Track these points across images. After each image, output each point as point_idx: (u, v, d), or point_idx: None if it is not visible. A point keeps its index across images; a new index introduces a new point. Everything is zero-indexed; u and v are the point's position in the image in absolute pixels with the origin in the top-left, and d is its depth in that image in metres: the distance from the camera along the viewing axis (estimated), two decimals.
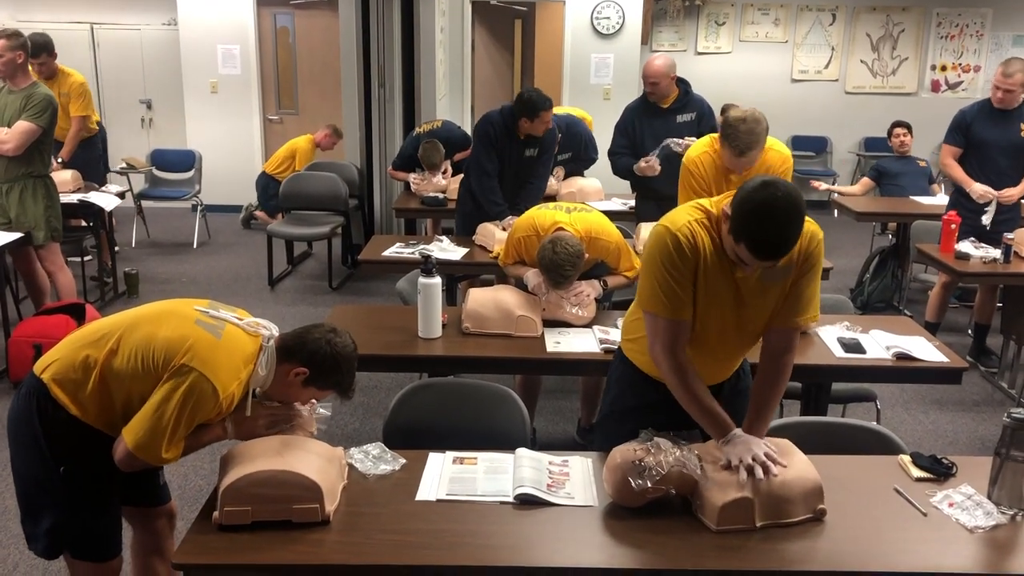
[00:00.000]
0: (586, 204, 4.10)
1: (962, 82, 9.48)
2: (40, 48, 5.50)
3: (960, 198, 5.04)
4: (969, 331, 5.41)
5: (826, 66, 9.56)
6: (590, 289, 3.39)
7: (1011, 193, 4.89)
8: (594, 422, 3.84)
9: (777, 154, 3.54)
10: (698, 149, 3.66)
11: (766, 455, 2.04)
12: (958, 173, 4.97)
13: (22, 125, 4.58)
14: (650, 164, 4.67)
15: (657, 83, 4.69)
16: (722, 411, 2.15)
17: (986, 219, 4.86)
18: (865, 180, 6.75)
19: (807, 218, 2.07)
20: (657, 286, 2.14)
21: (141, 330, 2.09)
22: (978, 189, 4.87)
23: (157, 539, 2.45)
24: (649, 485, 2.00)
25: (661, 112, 4.77)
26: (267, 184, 7.64)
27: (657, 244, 2.13)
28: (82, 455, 2.11)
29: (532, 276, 3.42)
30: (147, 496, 2.40)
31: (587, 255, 3.32)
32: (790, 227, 1.94)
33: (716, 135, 3.55)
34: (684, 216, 2.14)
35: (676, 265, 2.10)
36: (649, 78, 4.70)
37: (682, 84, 4.79)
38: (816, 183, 6.73)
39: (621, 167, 4.91)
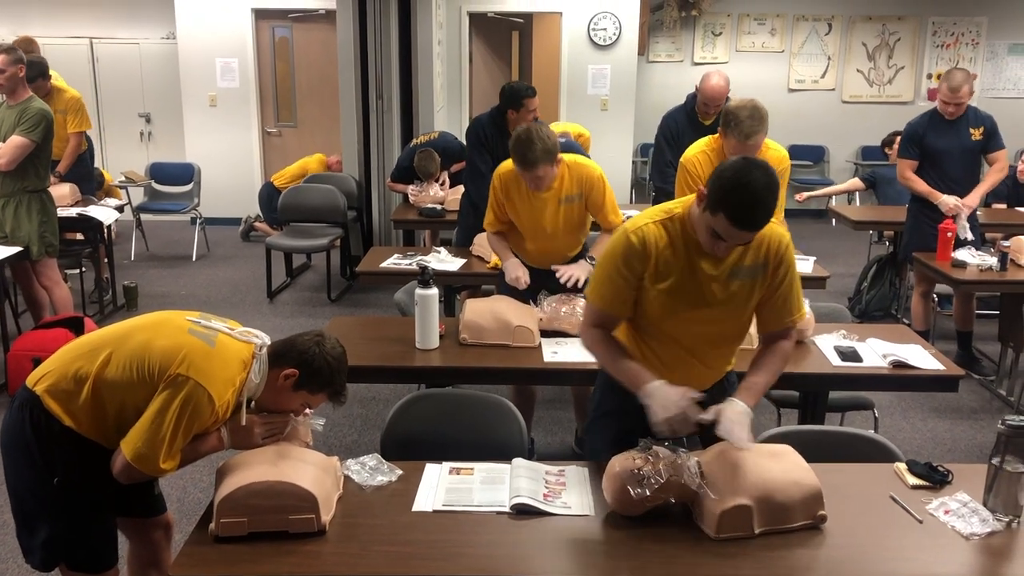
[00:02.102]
0: None
1: None
2: (37, 73, 5.49)
3: (922, 209, 5.04)
4: None
5: (823, 75, 9.60)
6: (580, 272, 3.39)
7: (972, 201, 4.93)
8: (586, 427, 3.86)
9: (775, 152, 3.55)
10: (696, 148, 3.66)
11: (686, 410, 2.08)
12: (922, 187, 4.98)
13: (15, 140, 4.59)
14: None
15: (720, 105, 4.62)
16: (639, 366, 2.23)
17: (963, 233, 4.82)
18: (856, 181, 6.78)
19: (773, 221, 2.12)
20: (606, 280, 2.24)
21: (134, 340, 2.10)
22: (948, 202, 4.87)
23: (154, 551, 2.45)
24: (648, 493, 2.00)
25: (702, 128, 4.72)
26: (271, 195, 7.65)
27: (615, 245, 2.22)
28: (76, 466, 2.12)
29: (512, 267, 3.41)
30: (142, 507, 2.40)
31: (570, 184, 3.39)
32: (766, 194, 1.99)
33: (714, 135, 3.55)
34: (644, 218, 2.21)
35: (625, 266, 2.19)
36: (715, 101, 4.61)
37: (726, 101, 4.70)
38: (800, 195, 6.74)
39: (668, 196, 4.77)
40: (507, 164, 3.52)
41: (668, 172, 4.83)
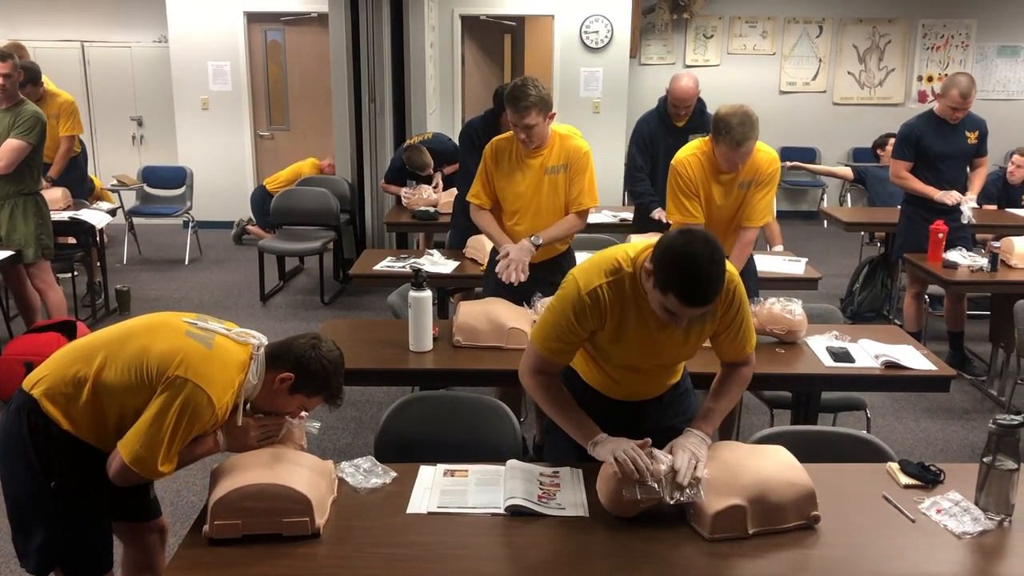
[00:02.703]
0: None
1: None
2: (28, 79, 5.44)
3: (917, 210, 5.05)
4: None
5: (814, 78, 9.63)
6: (518, 256, 3.37)
7: (973, 197, 4.98)
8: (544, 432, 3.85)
9: (766, 155, 3.52)
10: (687, 151, 3.63)
11: (634, 448, 2.05)
12: (918, 185, 4.98)
13: (12, 143, 4.59)
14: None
15: (690, 107, 4.61)
16: (587, 418, 2.21)
17: (966, 213, 4.87)
18: (847, 169, 6.83)
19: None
20: (551, 330, 2.21)
21: (132, 343, 2.10)
22: (950, 193, 4.89)
23: (148, 555, 2.45)
24: (640, 496, 2.01)
25: (676, 130, 4.69)
26: (264, 199, 7.63)
27: (566, 298, 2.18)
28: (73, 470, 2.11)
29: (516, 251, 3.39)
30: (137, 511, 2.40)
31: (558, 154, 3.45)
32: (712, 267, 1.96)
33: (705, 138, 3.54)
34: (595, 276, 2.15)
35: (579, 324, 2.17)
36: (683, 102, 4.58)
37: (699, 103, 4.70)
38: (788, 163, 6.81)
39: (639, 197, 4.82)
40: (501, 136, 3.56)
41: (638, 176, 4.84)
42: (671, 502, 2.01)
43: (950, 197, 4.88)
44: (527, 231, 3.55)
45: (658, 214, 4.62)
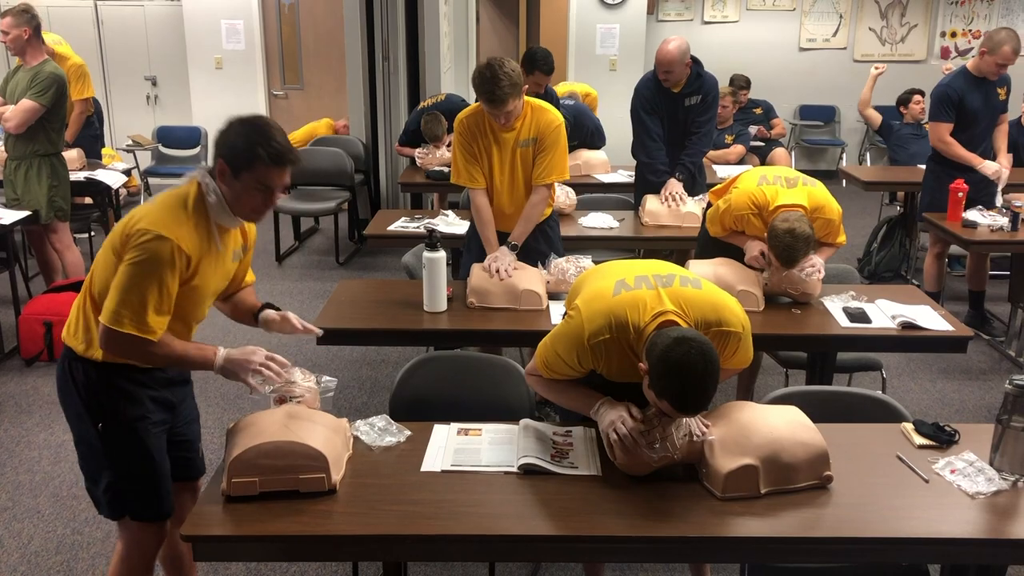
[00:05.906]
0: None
1: (972, 48, 9.37)
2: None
3: (944, 169, 4.95)
4: None
5: (834, 34, 9.46)
6: (503, 255, 3.33)
7: (1008, 165, 4.92)
8: None
9: (830, 208, 3.28)
10: (746, 205, 3.29)
11: (626, 422, 2.07)
12: (962, 152, 4.87)
13: (24, 103, 4.59)
14: (678, 197, 4.45)
15: (671, 71, 4.40)
16: (587, 391, 2.24)
17: (999, 199, 4.84)
18: (876, 114, 6.70)
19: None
20: (553, 358, 2.23)
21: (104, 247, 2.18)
22: (990, 168, 4.83)
23: (180, 512, 2.49)
24: (656, 457, 2.02)
25: (672, 95, 4.54)
26: None
27: (571, 335, 2.18)
28: (114, 408, 2.19)
29: (502, 255, 3.35)
30: (185, 467, 2.45)
31: (529, 127, 3.38)
32: (708, 381, 1.93)
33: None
34: (603, 330, 2.13)
35: (579, 362, 2.19)
36: (663, 66, 4.40)
37: (695, 66, 4.51)
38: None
39: (654, 173, 4.59)
40: (468, 111, 3.48)
41: (654, 146, 4.59)
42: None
43: (991, 172, 4.82)
44: (504, 207, 3.53)
45: (667, 191, 4.49)
